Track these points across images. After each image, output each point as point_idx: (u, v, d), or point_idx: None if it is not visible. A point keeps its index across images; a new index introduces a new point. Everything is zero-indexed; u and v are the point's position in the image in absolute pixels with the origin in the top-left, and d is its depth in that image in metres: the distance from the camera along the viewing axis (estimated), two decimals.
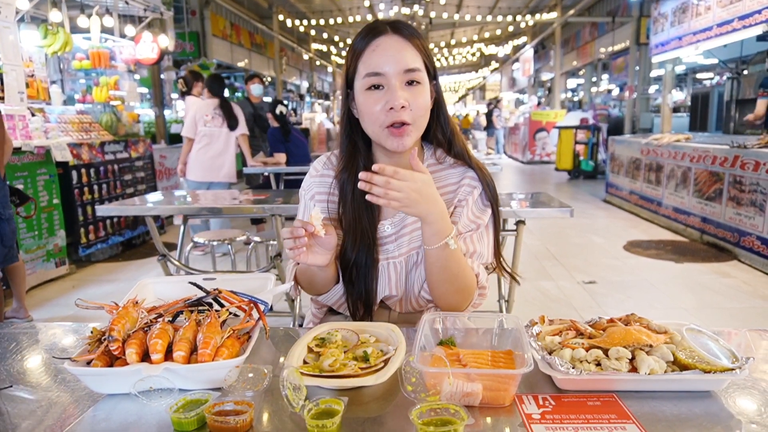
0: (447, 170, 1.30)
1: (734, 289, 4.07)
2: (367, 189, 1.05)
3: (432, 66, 1.22)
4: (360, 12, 16.89)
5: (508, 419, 0.83)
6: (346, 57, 1.23)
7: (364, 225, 1.25)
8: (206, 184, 4.94)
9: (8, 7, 4.53)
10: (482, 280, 1.24)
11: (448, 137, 1.29)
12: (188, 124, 4.86)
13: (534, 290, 4.12)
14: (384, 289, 1.28)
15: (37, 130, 4.66)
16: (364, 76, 1.17)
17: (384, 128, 1.17)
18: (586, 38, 15.83)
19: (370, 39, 1.17)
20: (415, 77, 1.16)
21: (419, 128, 1.20)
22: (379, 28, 1.18)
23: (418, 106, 1.16)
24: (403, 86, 1.15)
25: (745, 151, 4.74)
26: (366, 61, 1.16)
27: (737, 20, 6.72)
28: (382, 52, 1.15)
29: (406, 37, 1.17)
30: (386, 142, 1.19)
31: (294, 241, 1.07)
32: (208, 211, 3.01)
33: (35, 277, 4.27)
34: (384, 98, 1.15)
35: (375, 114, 1.16)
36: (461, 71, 32.80)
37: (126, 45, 6.64)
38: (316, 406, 0.80)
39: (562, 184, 10.49)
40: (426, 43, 1.21)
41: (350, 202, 1.26)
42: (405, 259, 1.27)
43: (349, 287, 1.27)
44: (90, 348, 0.96)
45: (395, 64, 1.14)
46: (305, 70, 23.01)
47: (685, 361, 0.90)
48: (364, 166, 1.26)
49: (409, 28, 1.19)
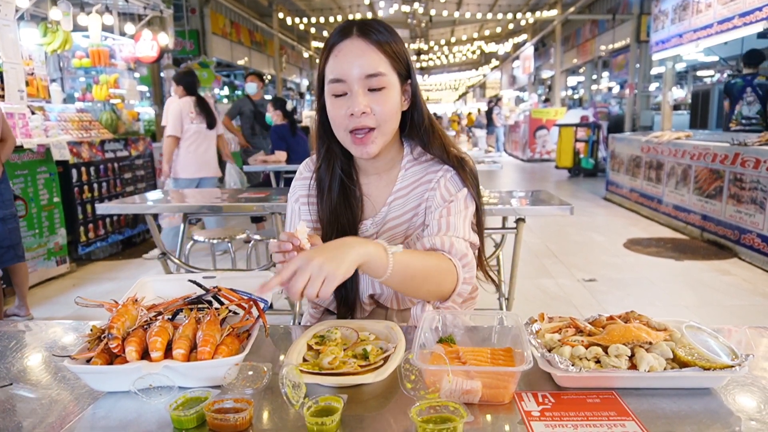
0: (424, 165, 1.29)
1: (734, 287, 4.07)
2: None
3: (405, 66, 1.20)
4: (360, 10, 16.88)
5: (507, 416, 0.83)
6: (320, 57, 1.22)
7: (342, 223, 1.25)
8: (197, 180, 4.90)
9: (8, 5, 4.53)
10: (460, 250, 1.17)
11: (422, 136, 1.27)
12: (174, 123, 4.77)
13: (534, 288, 4.12)
14: (368, 287, 1.28)
15: (37, 129, 4.66)
16: (329, 82, 1.17)
17: (348, 133, 1.17)
18: (586, 36, 15.81)
19: (335, 42, 1.16)
20: (378, 83, 1.14)
21: (386, 133, 1.19)
22: (345, 31, 1.16)
23: (382, 111, 1.15)
24: (365, 92, 1.14)
25: (746, 148, 4.74)
26: (330, 66, 1.16)
27: (738, 17, 6.70)
28: (343, 57, 1.14)
29: (371, 41, 1.14)
30: (351, 148, 1.20)
31: (282, 255, 1.03)
32: (208, 209, 3.01)
33: (36, 275, 4.27)
34: (347, 104, 1.15)
35: (339, 119, 1.17)
36: (461, 69, 32.77)
37: (126, 43, 6.63)
38: (315, 403, 0.80)
39: (562, 181, 10.49)
40: (396, 45, 1.18)
41: (326, 201, 1.27)
42: None
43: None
44: (90, 346, 0.97)
45: (356, 70, 1.13)
46: (305, 68, 22.99)
47: (684, 358, 0.90)
48: (342, 165, 1.27)
49: (377, 30, 1.16)
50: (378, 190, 1.30)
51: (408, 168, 1.29)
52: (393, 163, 1.31)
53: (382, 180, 1.30)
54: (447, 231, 1.19)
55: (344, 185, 1.28)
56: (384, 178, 1.30)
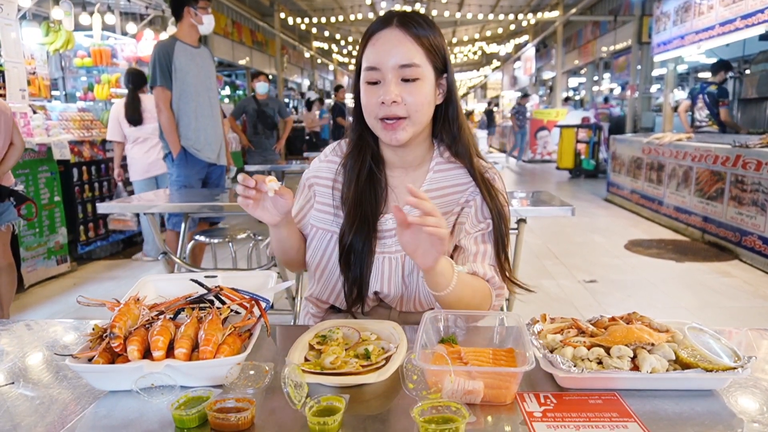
0: (455, 170, 1.29)
1: (735, 289, 4.07)
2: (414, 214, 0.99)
3: (442, 61, 1.21)
4: (361, 10, 16.86)
5: (509, 417, 0.83)
6: (359, 45, 1.25)
7: (365, 211, 1.25)
8: (153, 179, 4.82)
9: (10, 5, 4.53)
10: (496, 281, 1.24)
11: (453, 135, 1.27)
12: (112, 127, 4.71)
13: (535, 289, 4.11)
14: (376, 283, 1.26)
15: (39, 128, 4.66)
16: (364, 69, 1.19)
17: (378, 120, 1.18)
18: (587, 37, 15.81)
19: (374, 31, 1.18)
20: (412, 73, 1.15)
21: (417, 123, 1.19)
22: (386, 21, 1.18)
23: (414, 102, 1.16)
24: (398, 82, 1.15)
25: (747, 150, 4.73)
26: (367, 55, 1.18)
27: (740, 19, 6.70)
28: (380, 46, 1.16)
29: (409, 32, 1.16)
30: (380, 134, 1.21)
31: (244, 189, 1.08)
32: (209, 209, 3.01)
33: (36, 274, 4.27)
34: (379, 92, 1.16)
35: (370, 106, 1.18)
36: (462, 70, 32.79)
37: (128, 42, 6.63)
38: (317, 403, 0.80)
39: (563, 183, 10.48)
40: (435, 38, 1.19)
41: (353, 188, 1.27)
42: (402, 258, 1.25)
43: (346, 271, 1.27)
44: (91, 345, 0.97)
45: (390, 59, 1.14)
46: (306, 68, 22.98)
47: (687, 359, 0.90)
48: (372, 154, 1.28)
49: (417, 22, 1.17)
50: (403, 186, 1.29)
51: (436, 170, 1.29)
52: (421, 160, 1.30)
53: (408, 176, 1.30)
54: (484, 259, 1.24)
55: (372, 174, 1.28)
56: (411, 175, 1.30)
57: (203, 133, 3.85)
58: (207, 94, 3.88)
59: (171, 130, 3.72)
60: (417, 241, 1.01)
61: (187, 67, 3.71)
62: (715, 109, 6.49)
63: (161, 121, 3.74)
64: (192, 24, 3.73)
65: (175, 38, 3.73)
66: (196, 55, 3.80)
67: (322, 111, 13.28)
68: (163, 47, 3.67)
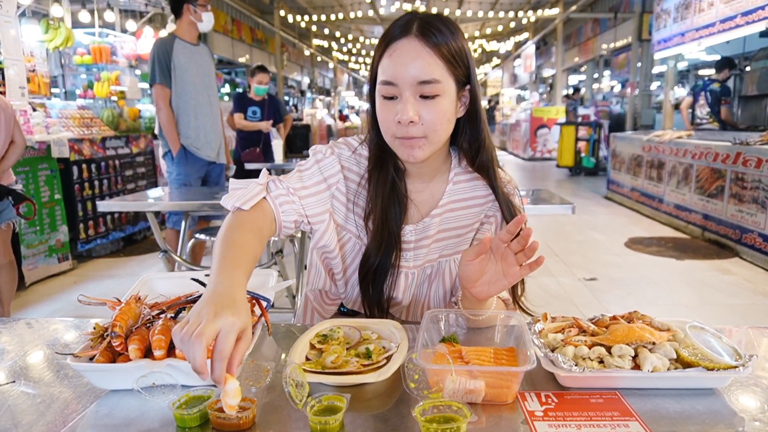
0: (473, 180, 1.25)
1: (735, 286, 4.07)
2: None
3: (465, 71, 1.12)
4: (361, 8, 16.84)
5: (510, 416, 0.83)
6: (376, 47, 1.16)
7: (391, 227, 1.20)
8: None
9: (9, 2, 4.52)
10: (510, 304, 1.23)
11: (476, 147, 1.20)
12: None
13: (535, 287, 4.11)
14: (388, 289, 1.25)
15: (38, 126, 4.66)
16: (380, 82, 1.11)
17: (395, 138, 1.12)
18: (587, 34, 15.78)
19: (392, 39, 1.09)
20: (432, 90, 1.06)
21: (434, 142, 1.12)
22: (406, 28, 1.08)
23: (432, 120, 1.08)
24: (416, 98, 1.07)
25: (747, 148, 4.73)
26: (384, 66, 1.10)
27: (740, 16, 6.68)
28: (397, 58, 1.07)
29: (429, 43, 1.06)
30: (397, 151, 1.15)
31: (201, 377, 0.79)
32: (210, 207, 3.00)
33: (37, 272, 4.27)
34: (395, 109, 1.09)
35: (387, 123, 1.11)
36: None
37: (127, 40, 6.62)
38: (318, 402, 0.80)
39: (563, 180, 10.48)
40: (457, 45, 1.09)
41: (380, 204, 1.20)
42: (419, 270, 1.24)
43: (366, 290, 1.23)
44: (93, 344, 0.96)
45: (409, 74, 1.06)
46: (306, 66, 22.95)
47: (688, 358, 0.90)
48: (393, 164, 1.22)
49: (438, 29, 1.07)
50: (422, 197, 1.25)
51: (455, 182, 1.25)
52: (439, 171, 1.25)
53: (427, 188, 1.25)
54: None
55: (395, 186, 1.22)
56: (429, 187, 1.25)
57: (203, 131, 3.85)
58: (206, 92, 3.88)
59: (170, 128, 3.72)
60: (486, 271, 1.03)
61: (186, 65, 3.71)
62: (717, 107, 6.49)
63: (160, 119, 3.74)
64: (191, 21, 3.73)
65: (175, 36, 3.73)
66: (196, 52, 3.80)
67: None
68: (162, 45, 3.67)
